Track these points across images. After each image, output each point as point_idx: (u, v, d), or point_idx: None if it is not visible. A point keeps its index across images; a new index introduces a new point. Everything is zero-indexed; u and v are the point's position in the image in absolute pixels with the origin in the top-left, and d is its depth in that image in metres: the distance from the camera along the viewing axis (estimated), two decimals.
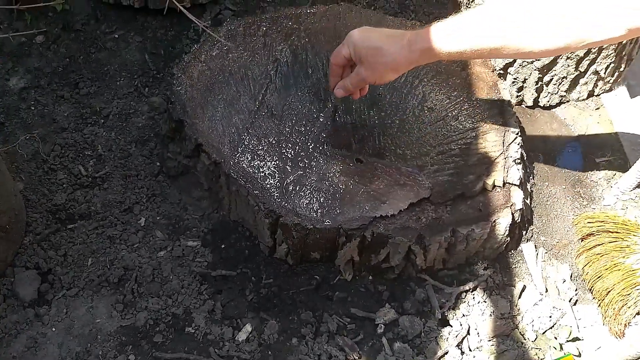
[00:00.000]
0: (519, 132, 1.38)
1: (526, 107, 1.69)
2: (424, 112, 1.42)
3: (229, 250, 1.32)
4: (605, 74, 1.64)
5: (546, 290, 1.33)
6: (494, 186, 1.30)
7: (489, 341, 1.24)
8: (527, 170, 1.47)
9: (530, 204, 1.43)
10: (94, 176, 1.40)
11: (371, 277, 1.30)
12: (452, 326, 1.25)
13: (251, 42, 1.46)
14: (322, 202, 1.24)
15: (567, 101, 1.70)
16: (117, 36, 1.66)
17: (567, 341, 1.26)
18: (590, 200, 1.51)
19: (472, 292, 1.29)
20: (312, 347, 1.19)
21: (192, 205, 1.37)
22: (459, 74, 1.48)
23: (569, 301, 1.32)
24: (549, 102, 1.68)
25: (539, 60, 1.57)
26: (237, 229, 1.34)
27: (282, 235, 1.23)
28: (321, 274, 1.29)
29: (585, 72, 1.62)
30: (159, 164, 1.43)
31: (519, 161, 1.34)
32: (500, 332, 1.25)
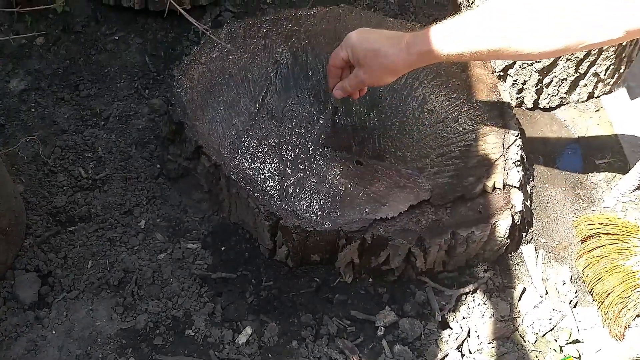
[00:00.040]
0: (518, 134, 1.38)
1: (526, 109, 1.69)
2: (424, 114, 1.42)
3: (229, 252, 1.32)
4: (605, 75, 1.64)
5: (546, 292, 1.33)
6: (494, 188, 1.30)
7: (489, 344, 1.24)
8: (527, 172, 1.47)
9: (530, 206, 1.43)
10: (94, 178, 1.40)
11: (371, 280, 1.30)
12: (452, 329, 1.25)
13: (251, 44, 1.46)
14: (322, 204, 1.24)
15: (567, 103, 1.70)
16: (117, 38, 1.66)
17: (567, 343, 1.26)
18: (590, 202, 1.51)
19: (472, 294, 1.29)
20: (312, 349, 1.19)
21: (192, 207, 1.37)
22: (459, 75, 1.48)
23: (569, 303, 1.32)
24: (548, 104, 1.68)
25: (538, 62, 1.57)
26: (237, 231, 1.34)
27: (282, 237, 1.23)
28: (321, 277, 1.29)
29: (585, 73, 1.62)
30: (159, 166, 1.43)
31: (519, 163, 1.34)
32: (500, 335, 1.25)
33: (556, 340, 1.26)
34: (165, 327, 1.20)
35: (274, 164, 1.29)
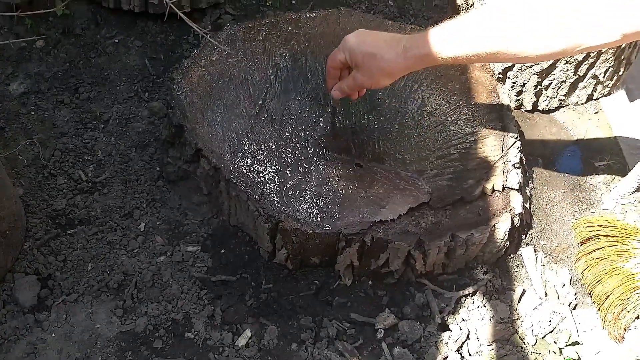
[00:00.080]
0: (518, 137, 1.39)
1: (525, 111, 1.69)
2: (423, 117, 1.42)
3: (229, 255, 1.32)
4: (604, 77, 1.64)
5: (546, 294, 1.33)
6: (493, 190, 1.30)
7: (489, 346, 1.24)
8: (527, 174, 1.47)
9: (529, 208, 1.43)
10: (94, 181, 1.40)
11: (371, 282, 1.30)
12: (452, 331, 1.25)
13: (251, 47, 1.46)
14: (321, 206, 1.24)
15: (566, 105, 1.71)
16: (117, 41, 1.66)
17: (566, 345, 1.26)
18: (589, 204, 1.51)
19: (471, 296, 1.29)
20: (311, 352, 1.19)
21: (192, 210, 1.37)
22: (458, 78, 1.49)
23: (569, 305, 1.32)
24: (548, 106, 1.69)
25: (538, 64, 1.57)
26: (237, 234, 1.34)
27: (282, 240, 1.23)
28: (321, 279, 1.29)
29: (584, 76, 1.62)
30: (158, 169, 1.43)
31: (518, 165, 1.34)
32: (499, 337, 1.25)
33: (556, 342, 1.27)
34: (164, 330, 1.20)
35: (273, 167, 1.29)
